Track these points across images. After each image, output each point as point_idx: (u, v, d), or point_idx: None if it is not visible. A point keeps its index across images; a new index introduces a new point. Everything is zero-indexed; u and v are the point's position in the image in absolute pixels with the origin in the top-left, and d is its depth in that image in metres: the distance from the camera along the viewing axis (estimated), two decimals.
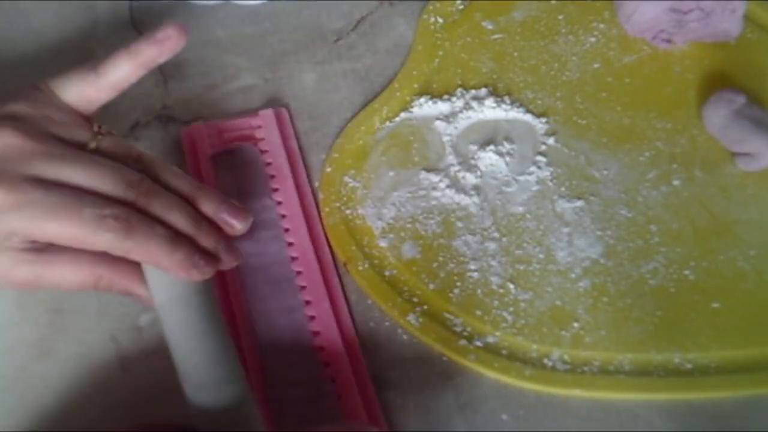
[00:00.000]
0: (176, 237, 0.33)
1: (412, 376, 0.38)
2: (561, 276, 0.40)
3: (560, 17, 0.52)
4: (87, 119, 0.37)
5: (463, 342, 0.38)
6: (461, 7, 0.53)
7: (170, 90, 0.48)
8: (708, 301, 0.40)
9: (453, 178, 0.44)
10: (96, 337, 0.38)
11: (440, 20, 0.52)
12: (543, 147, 0.45)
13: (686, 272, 0.41)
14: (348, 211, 0.43)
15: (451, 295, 0.40)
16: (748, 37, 0.50)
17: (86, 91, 0.37)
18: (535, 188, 0.44)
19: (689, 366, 0.38)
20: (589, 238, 0.42)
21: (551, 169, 0.45)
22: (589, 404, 0.37)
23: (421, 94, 0.48)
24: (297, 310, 0.38)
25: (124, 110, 0.47)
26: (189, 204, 0.35)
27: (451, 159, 0.45)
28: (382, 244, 0.42)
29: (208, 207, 0.35)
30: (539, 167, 0.44)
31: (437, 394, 0.37)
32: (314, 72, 0.50)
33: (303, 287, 0.39)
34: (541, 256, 0.41)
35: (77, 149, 0.34)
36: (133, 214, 0.32)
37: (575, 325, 0.39)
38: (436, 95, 0.48)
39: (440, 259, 0.41)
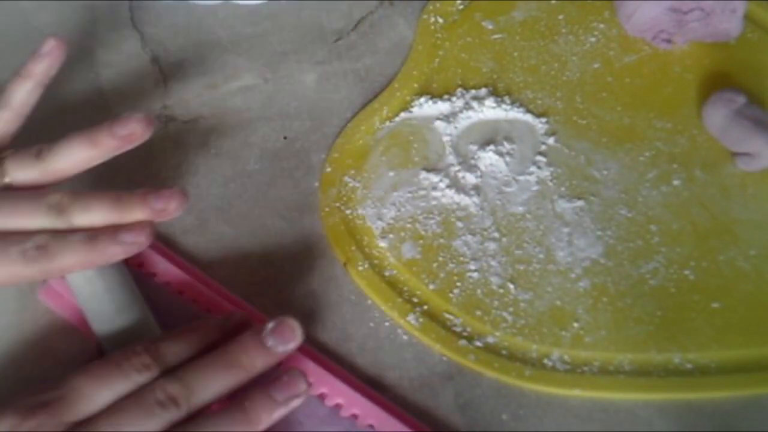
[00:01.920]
0: (92, 233, 0.35)
1: (412, 376, 0.38)
2: (561, 276, 0.40)
3: (560, 17, 0.52)
4: None
5: (463, 342, 0.38)
6: (461, 7, 0.53)
7: (170, 90, 0.48)
8: (708, 301, 0.40)
9: (453, 178, 0.44)
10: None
11: (440, 20, 0.52)
12: (543, 147, 0.45)
13: (686, 272, 0.41)
14: (348, 211, 0.43)
15: (451, 295, 0.40)
16: (748, 37, 0.50)
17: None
18: (535, 188, 0.44)
19: (689, 366, 0.38)
20: (589, 238, 0.42)
21: (551, 169, 0.45)
22: (589, 404, 0.37)
23: (421, 94, 0.48)
24: None
25: (124, 110, 0.47)
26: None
27: (451, 159, 0.45)
28: (382, 244, 0.42)
29: (108, 141, 0.37)
30: (539, 167, 0.44)
31: (437, 394, 0.37)
32: (314, 72, 0.50)
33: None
34: (541, 256, 0.41)
35: None
36: (47, 236, 0.34)
37: (575, 325, 0.39)
38: (436, 95, 0.48)
39: (440, 259, 0.41)
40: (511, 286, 0.40)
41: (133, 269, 0.40)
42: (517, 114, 0.47)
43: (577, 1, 0.53)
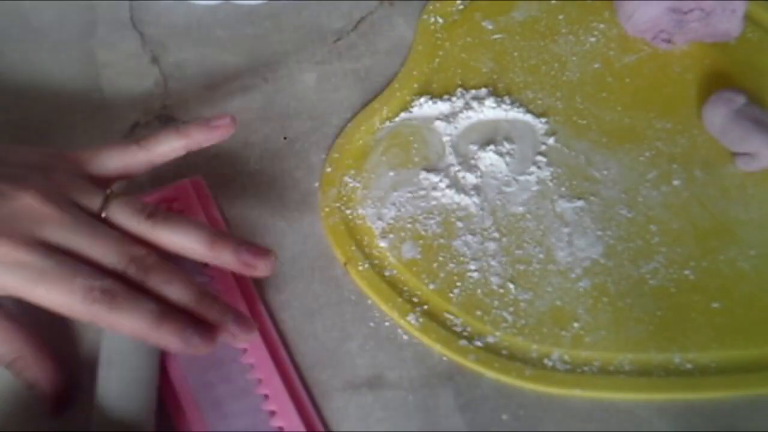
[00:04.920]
0: (165, 311, 0.33)
1: (412, 376, 0.38)
2: (561, 276, 0.40)
3: (560, 17, 0.52)
4: (104, 186, 0.37)
5: (463, 342, 0.38)
6: (461, 7, 0.53)
7: (170, 90, 0.48)
8: (708, 301, 0.40)
9: (453, 178, 0.44)
10: (95, 336, 0.38)
11: (440, 20, 0.52)
12: (543, 147, 0.45)
13: (686, 272, 0.41)
14: (348, 211, 0.43)
15: (451, 295, 0.40)
16: (748, 37, 0.50)
17: (125, 161, 0.38)
18: (535, 188, 0.44)
19: (689, 366, 0.38)
20: (589, 238, 0.42)
21: (551, 169, 0.45)
22: (589, 404, 0.37)
23: (421, 94, 0.48)
24: (249, 391, 0.36)
25: (124, 110, 0.47)
26: (190, 278, 0.34)
27: (451, 159, 0.45)
28: (382, 244, 0.42)
29: (226, 255, 0.35)
30: (539, 167, 0.45)
31: (437, 394, 0.37)
32: (314, 72, 0.50)
33: (251, 365, 0.37)
34: (541, 256, 0.41)
35: (89, 216, 0.34)
36: (121, 288, 0.32)
37: (575, 325, 0.39)
38: (436, 95, 0.48)
39: (440, 259, 0.41)
40: (511, 286, 0.40)
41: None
42: (517, 114, 0.47)
43: (577, 1, 0.53)
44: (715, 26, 0.49)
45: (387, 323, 0.39)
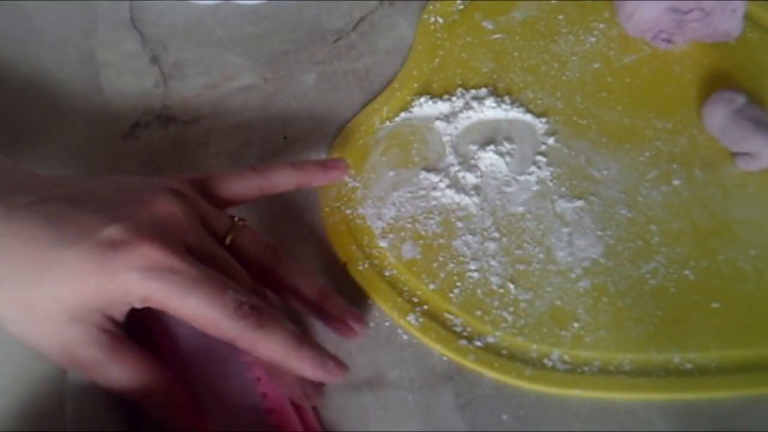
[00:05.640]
0: (303, 336, 0.33)
1: (412, 376, 0.38)
2: (561, 276, 0.40)
3: (560, 17, 0.52)
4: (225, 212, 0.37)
5: (463, 342, 0.38)
6: (461, 7, 0.53)
7: (170, 90, 0.48)
8: (708, 301, 0.40)
9: (453, 178, 0.44)
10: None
11: (440, 20, 0.52)
12: (543, 147, 0.45)
13: (686, 272, 0.41)
14: (348, 211, 0.43)
15: (451, 295, 0.40)
16: (748, 37, 0.50)
17: (240, 186, 0.38)
18: (535, 188, 0.44)
19: (689, 366, 0.38)
20: (589, 238, 0.42)
21: (551, 169, 0.45)
22: (589, 404, 0.37)
23: (421, 94, 0.48)
24: (248, 390, 0.36)
25: (124, 110, 0.47)
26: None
27: (451, 159, 0.45)
28: (382, 244, 0.42)
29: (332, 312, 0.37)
30: (539, 167, 0.45)
31: (437, 394, 0.37)
32: (314, 72, 0.50)
33: (250, 363, 0.36)
34: (541, 256, 0.41)
35: (217, 243, 0.34)
36: (265, 305, 0.33)
37: (575, 325, 0.39)
38: (436, 95, 0.48)
39: (440, 259, 0.41)
40: (511, 286, 0.40)
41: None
42: (517, 114, 0.47)
43: (577, 1, 0.53)
44: (715, 26, 0.49)
45: (387, 323, 0.39)
